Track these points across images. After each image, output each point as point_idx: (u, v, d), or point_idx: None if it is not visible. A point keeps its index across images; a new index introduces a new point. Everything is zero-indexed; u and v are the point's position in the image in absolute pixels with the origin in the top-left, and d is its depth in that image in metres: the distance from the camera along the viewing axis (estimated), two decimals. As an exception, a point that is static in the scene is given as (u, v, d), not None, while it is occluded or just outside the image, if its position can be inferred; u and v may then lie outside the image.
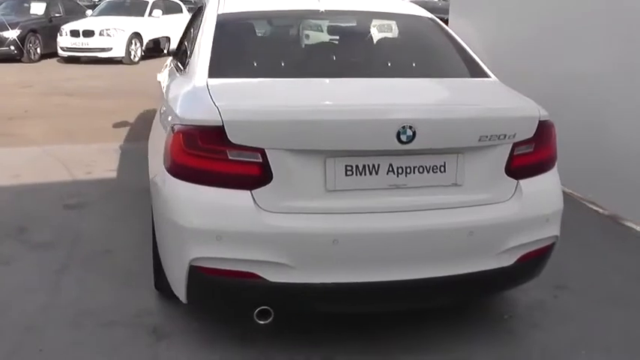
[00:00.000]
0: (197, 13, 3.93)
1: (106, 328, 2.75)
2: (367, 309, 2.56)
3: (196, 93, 2.50)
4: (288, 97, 2.54)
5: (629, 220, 4.23)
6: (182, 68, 3.10)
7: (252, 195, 2.22)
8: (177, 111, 2.42)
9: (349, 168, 2.27)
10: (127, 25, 12.97)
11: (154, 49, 4.54)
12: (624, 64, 4.17)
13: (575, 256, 3.52)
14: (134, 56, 13.01)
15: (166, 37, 4.67)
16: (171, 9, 14.90)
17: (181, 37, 4.37)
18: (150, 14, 13.86)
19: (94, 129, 6.70)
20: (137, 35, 13.06)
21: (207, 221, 2.23)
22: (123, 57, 12.67)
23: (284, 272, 2.22)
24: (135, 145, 5.97)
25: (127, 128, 6.82)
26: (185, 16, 15.77)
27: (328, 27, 3.38)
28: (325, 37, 3.33)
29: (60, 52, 12.83)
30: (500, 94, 2.72)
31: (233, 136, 2.20)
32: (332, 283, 2.25)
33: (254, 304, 2.32)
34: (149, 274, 3.19)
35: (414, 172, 2.33)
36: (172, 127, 2.36)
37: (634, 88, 4.09)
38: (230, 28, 2.97)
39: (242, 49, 2.97)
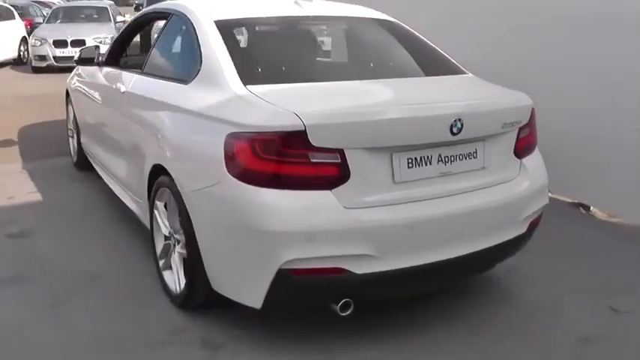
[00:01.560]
0: (140, 18, 3.90)
1: (152, 349, 2.65)
2: (435, 287, 2.80)
3: (247, 101, 2.51)
4: (352, 99, 2.68)
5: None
6: (182, 79, 3.01)
7: (333, 194, 2.34)
8: (241, 119, 2.41)
9: (410, 161, 2.49)
10: (-41, 32, 11.63)
11: (86, 60, 4.27)
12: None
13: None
14: (-32, 67, 11.71)
15: (95, 45, 4.39)
16: (1, 16, 13.60)
17: (119, 45, 4.20)
18: (-18, 21, 12.52)
19: (-25, 150, 6.04)
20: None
21: (299, 223, 2.30)
22: (-43, 69, 11.33)
23: (369, 263, 2.37)
24: (41, 165, 5.53)
25: (16, 147, 6.25)
26: (18, 23, 14.47)
27: (323, 32, 3.50)
28: (327, 41, 3.45)
29: None
30: (495, 87, 3.08)
31: (315, 139, 2.29)
32: (410, 267, 2.44)
33: (338, 298, 2.42)
34: (156, 292, 3.11)
35: (456, 160, 2.61)
36: (234, 136, 2.38)
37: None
38: (236, 35, 2.98)
39: (261, 55, 3.00)
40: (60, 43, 12.21)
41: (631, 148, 4.06)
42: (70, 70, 5.88)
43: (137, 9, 20.01)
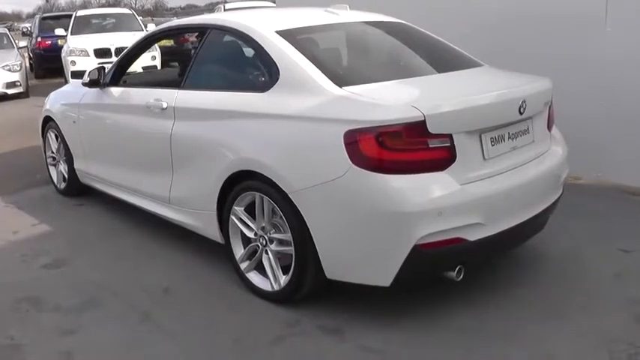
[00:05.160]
0: (153, 37, 4.19)
1: (280, 342, 2.80)
2: (520, 243, 3.26)
3: (355, 100, 2.74)
4: (443, 91, 3.02)
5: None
6: (255, 88, 3.18)
7: (447, 173, 2.66)
8: (360, 116, 2.64)
9: (492, 139, 2.88)
10: None
11: (94, 82, 4.23)
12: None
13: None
14: None
15: (100, 66, 4.32)
16: None
17: (124, 66, 4.26)
18: None
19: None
20: None
21: (430, 202, 2.61)
22: None
23: (479, 230, 2.72)
24: (23, 196, 5.31)
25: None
26: None
27: (367, 34, 3.74)
28: (377, 44, 3.70)
29: None
30: (518, 73, 3.46)
31: (432, 127, 2.60)
32: (506, 229, 2.83)
33: (454, 265, 2.75)
34: (240, 294, 3.26)
35: (518, 136, 3.03)
36: (357, 131, 2.61)
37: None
38: (303, 44, 3.14)
39: (334, 59, 3.22)
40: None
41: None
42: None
43: (25, 34, 18.97)
